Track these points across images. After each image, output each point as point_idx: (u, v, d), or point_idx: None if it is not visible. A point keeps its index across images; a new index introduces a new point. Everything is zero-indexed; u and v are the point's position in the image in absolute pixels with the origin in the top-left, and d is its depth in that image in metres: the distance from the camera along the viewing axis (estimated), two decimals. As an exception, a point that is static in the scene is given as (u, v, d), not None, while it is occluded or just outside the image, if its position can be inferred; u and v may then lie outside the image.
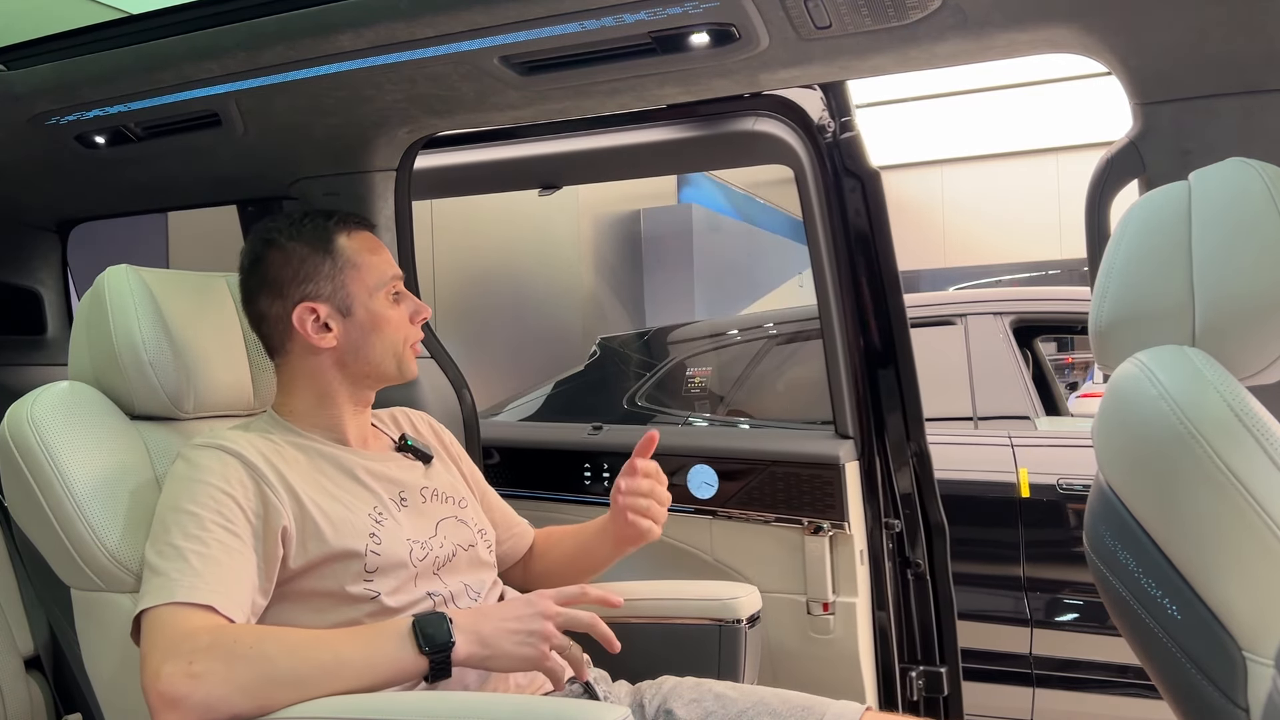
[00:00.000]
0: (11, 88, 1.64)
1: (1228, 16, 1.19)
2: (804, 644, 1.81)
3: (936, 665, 1.86)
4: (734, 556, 1.88)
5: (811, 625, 1.82)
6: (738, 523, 1.89)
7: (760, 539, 1.86)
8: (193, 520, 1.10)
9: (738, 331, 3.80)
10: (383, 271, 1.30)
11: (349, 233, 1.31)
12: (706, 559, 1.88)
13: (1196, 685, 0.89)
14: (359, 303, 1.27)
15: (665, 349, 3.86)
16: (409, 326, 1.32)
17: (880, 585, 1.85)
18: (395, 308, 1.31)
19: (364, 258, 1.30)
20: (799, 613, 1.83)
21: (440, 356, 1.94)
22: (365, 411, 1.35)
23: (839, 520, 1.82)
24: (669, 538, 1.90)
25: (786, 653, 1.84)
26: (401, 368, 1.32)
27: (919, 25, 1.31)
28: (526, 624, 1.08)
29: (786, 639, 1.85)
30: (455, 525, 1.32)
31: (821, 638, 1.80)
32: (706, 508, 1.93)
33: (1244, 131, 1.26)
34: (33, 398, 1.24)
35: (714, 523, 1.91)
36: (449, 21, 1.37)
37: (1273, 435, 0.85)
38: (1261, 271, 0.91)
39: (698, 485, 1.92)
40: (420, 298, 1.46)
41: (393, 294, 1.30)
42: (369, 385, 1.33)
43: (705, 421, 3.58)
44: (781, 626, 1.85)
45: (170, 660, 0.98)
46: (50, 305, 2.31)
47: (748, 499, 1.89)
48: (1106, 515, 1.00)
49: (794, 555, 1.83)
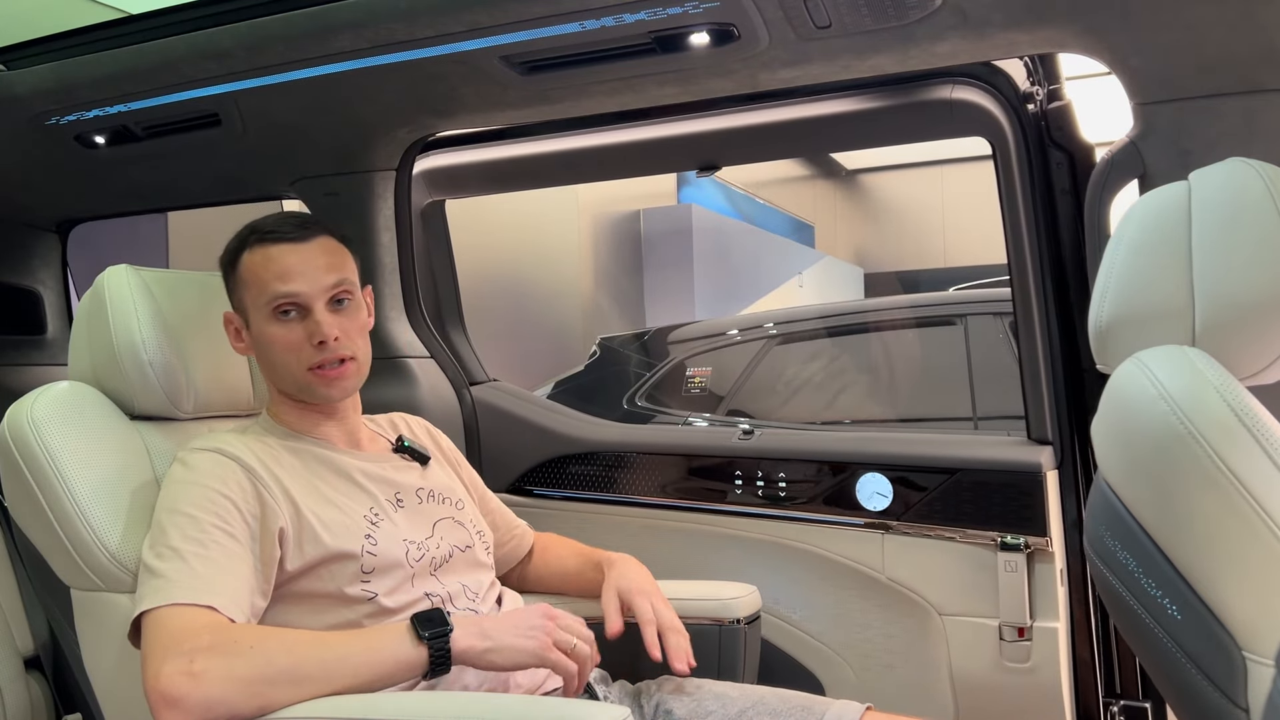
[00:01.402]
0: (11, 88, 1.64)
1: (1227, 16, 1.19)
2: (996, 674, 1.60)
3: (1139, 699, 1.65)
4: (911, 575, 1.66)
5: (1005, 653, 1.59)
6: (915, 538, 1.66)
7: (942, 556, 1.64)
8: (191, 523, 1.10)
9: (738, 331, 3.80)
10: (264, 289, 1.22)
11: (256, 247, 1.24)
12: (877, 578, 1.68)
13: (1196, 685, 0.89)
14: (252, 319, 1.25)
15: (665, 349, 3.86)
16: (305, 348, 1.22)
17: (1085, 609, 1.65)
18: (284, 327, 1.22)
19: (257, 273, 1.23)
20: (989, 639, 1.60)
21: (440, 356, 1.94)
22: (345, 415, 1.31)
23: (1039, 535, 1.59)
24: (834, 553, 1.71)
25: (974, 683, 1.62)
26: (303, 390, 1.24)
27: (919, 25, 1.31)
28: (528, 618, 1.10)
29: (974, 668, 1.62)
30: (452, 526, 1.32)
31: (1017, 667, 1.59)
32: (879, 521, 1.70)
33: (1244, 131, 1.26)
34: (33, 398, 1.24)
35: (886, 538, 1.68)
36: (449, 21, 1.37)
37: (1273, 435, 0.85)
38: (1261, 271, 0.91)
39: (869, 496, 1.71)
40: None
41: (279, 313, 1.22)
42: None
43: (705, 421, 3.59)
44: (968, 654, 1.62)
45: (170, 660, 0.98)
46: (50, 305, 2.31)
47: (928, 511, 1.67)
48: (1106, 515, 1.00)
49: (982, 574, 1.61)
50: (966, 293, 3.78)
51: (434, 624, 1.06)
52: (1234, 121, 1.26)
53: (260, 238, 1.24)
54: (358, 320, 1.27)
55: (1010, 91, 1.56)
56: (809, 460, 1.75)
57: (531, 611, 1.12)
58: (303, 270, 1.22)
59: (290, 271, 1.21)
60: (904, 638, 1.66)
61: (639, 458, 1.89)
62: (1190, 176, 1.00)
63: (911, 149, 9.17)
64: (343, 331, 1.23)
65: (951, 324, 3.30)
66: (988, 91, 1.57)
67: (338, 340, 1.22)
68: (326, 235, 1.27)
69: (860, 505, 1.71)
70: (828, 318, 3.76)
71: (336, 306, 1.24)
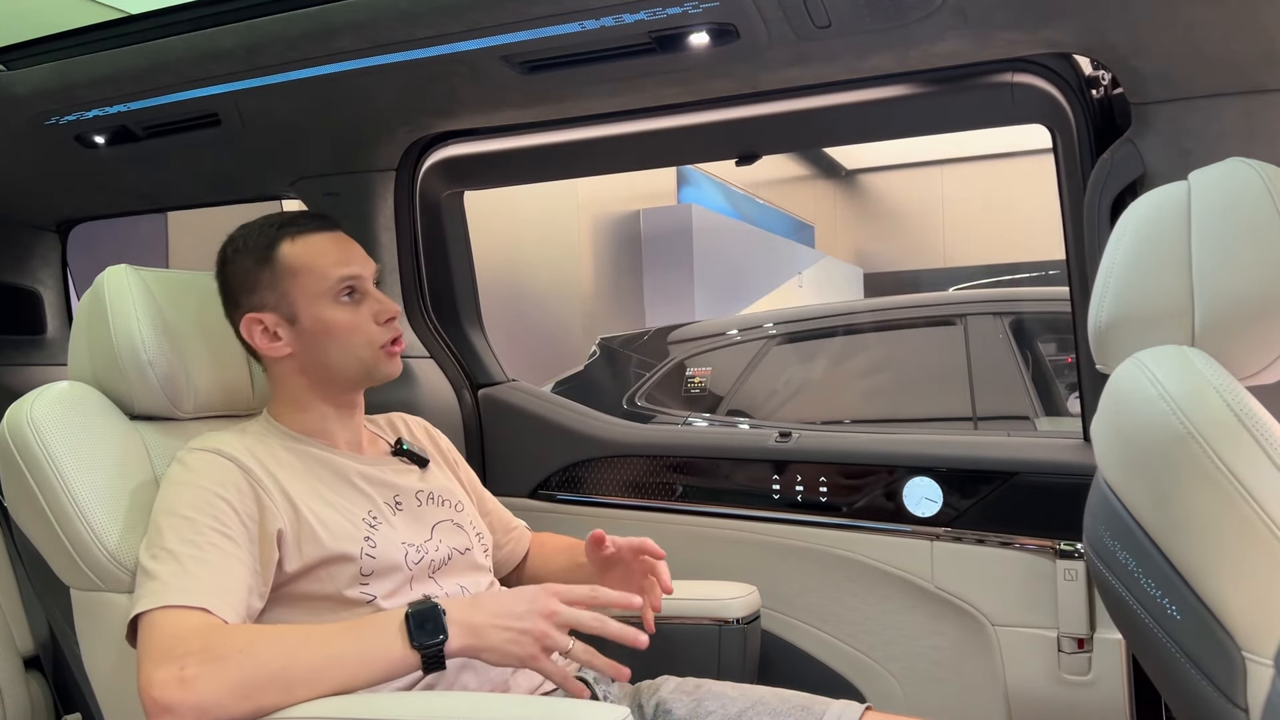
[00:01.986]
0: (11, 88, 1.64)
1: (1227, 16, 1.19)
2: (1054, 687, 1.54)
3: None
4: (961, 584, 1.59)
5: (1063, 665, 1.52)
6: (967, 545, 1.59)
7: (995, 564, 1.57)
8: (187, 524, 1.10)
9: (737, 331, 3.80)
10: (326, 274, 1.24)
11: (295, 238, 1.25)
12: (925, 586, 1.61)
13: (1196, 685, 0.89)
14: (304, 310, 1.24)
15: (665, 349, 3.86)
16: (372, 328, 1.25)
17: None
18: (349, 310, 1.25)
19: (306, 262, 1.24)
20: (1046, 650, 1.54)
21: (440, 356, 1.94)
22: (352, 415, 1.32)
23: None
24: (878, 561, 1.63)
25: (1030, 697, 1.56)
26: (371, 371, 1.27)
27: (919, 25, 1.31)
28: (521, 621, 1.05)
29: (1031, 681, 1.55)
30: (451, 529, 1.31)
31: (1076, 679, 1.52)
32: (927, 528, 1.62)
33: (1244, 131, 1.26)
34: (33, 398, 1.24)
35: (935, 545, 1.60)
36: (449, 21, 1.37)
37: (1272, 435, 0.85)
38: (1261, 271, 0.91)
39: (916, 501, 1.63)
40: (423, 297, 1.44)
41: (343, 296, 1.25)
42: (341, 390, 1.29)
43: (705, 421, 3.59)
44: (1023, 666, 1.55)
45: (163, 666, 0.98)
46: (50, 305, 2.31)
47: (981, 517, 1.59)
48: (1106, 515, 1.00)
49: (1039, 583, 1.54)
50: (966, 293, 3.78)
51: (427, 628, 1.03)
52: (1234, 121, 1.26)
53: (299, 229, 1.27)
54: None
55: (1073, 77, 1.49)
56: (852, 463, 1.69)
57: (529, 612, 1.06)
58: (350, 255, 1.28)
59: (347, 256, 1.27)
60: (954, 649, 1.59)
61: (669, 461, 1.83)
62: (1190, 176, 1.00)
63: (911, 149, 9.17)
64: None
65: (951, 324, 3.31)
66: (1050, 77, 1.50)
67: (394, 318, 1.28)
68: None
69: (907, 510, 1.64)
70: (828, 318, 3.76)
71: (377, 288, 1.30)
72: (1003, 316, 3.20)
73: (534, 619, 1.05)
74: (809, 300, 7.92)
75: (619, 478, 1.86)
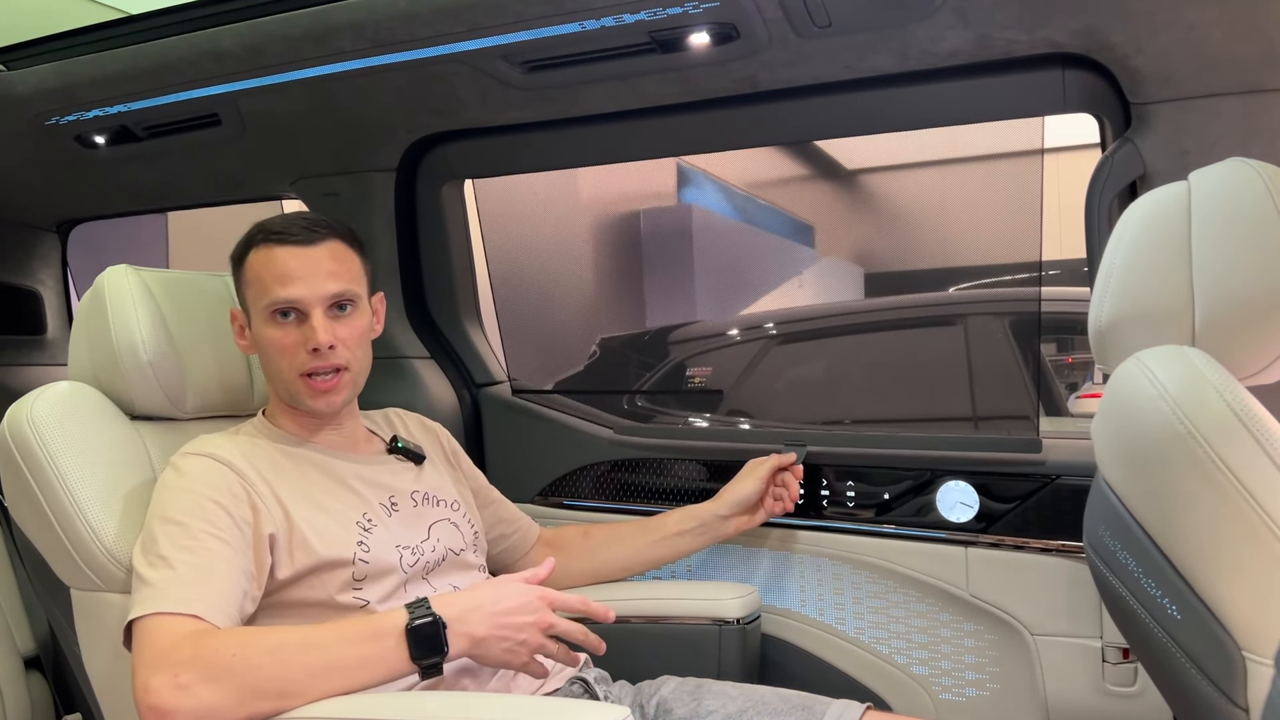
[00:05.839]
0: (11, 88, 1.64)
1: (1227, 16, 1.19)
2: (1097, 699, 1.48)
3: None
4: (999, 592, 1.53)
5: (1108, 676, 1.46)
6: (1005, 551, 1.52)
7: (1035, 571, 1.50)
8: (181, 530, 1.10)
9: (737, 331, 3.80)
10: (265, 291, 1.21)
11: (262, 246, 1.23)
12: (960, 594, 1.55)
13: (1196, 685, 0.89)
14: (253, 319, 1.25)
15: (665, 349, 3.86)
16: (299, 354, 1.21)
17: None
18: (280, 330, 1.21)
19: (257, 273, 1.22)
20: (1089, 661, 1.48)
21: (440, 356, 1.94)
22: (343, 422, 1.31)
23: None
24: (909, 569, 1.58)
25: (1072, 709, 1.50)
26: (294, 398, 1.24)
27: (919, 25, 1.31)
28: (521, 633, 1.07)
29: (1073, 693, 1.49)
30: (448, 528, 1.31)
31: (1121, 691, 1.46)
32: (961, 534, 1.56)
33: (1244, 131, 1.26)
34: (33, 398, 1.24)
35: (970, 551, 1.54)
36: (449, 21, 1.37)
37: (1273, 435, 0.85)
38: (1261, 271, 0.91)
39: (950, 506, 1.57)
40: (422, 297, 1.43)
41: (277, 315, 1.21)
42: None
43: (705, 421, 3.59)
44: (1065, 678, 1.50)
45: (157, 673, 0.98)
46: (50, 305, 2.31)
47: (1020, 522, 1.53)
48: (1106, 515, 1.00)
49: (1081, 591, 1.48)
50: (966, 293, 3.78)
51: (429, 644, 1.03)
52: (1234, 121, 1.26)
53: (266, 237, 1.23)
54: (357, 328, 1.24)
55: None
56: (882, 466, 1.62)
57: (527, 624, 1.08)
58: (304, 275, 1.20)
59: (291, 276, 1.20)
60: (990, 660, 1.54)
61: (685, 464, 1.77)
62: (1190, 176, 1.00)
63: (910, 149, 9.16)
64: (339, 339, 1.21)
65: (951, 324, 3.31)
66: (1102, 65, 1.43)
67: (332, 348, 1.20)
68: (336, 239, 1.24)
69: (941, 516, 1.58)
70: (828, 318, 3.76)
71: (337, 313, 1.23)
72: (1003, 316, 3.20)
73: (532, 630, 1.08)
74: (809, 300, 7.91)
75: (633, 481, 1.82)
